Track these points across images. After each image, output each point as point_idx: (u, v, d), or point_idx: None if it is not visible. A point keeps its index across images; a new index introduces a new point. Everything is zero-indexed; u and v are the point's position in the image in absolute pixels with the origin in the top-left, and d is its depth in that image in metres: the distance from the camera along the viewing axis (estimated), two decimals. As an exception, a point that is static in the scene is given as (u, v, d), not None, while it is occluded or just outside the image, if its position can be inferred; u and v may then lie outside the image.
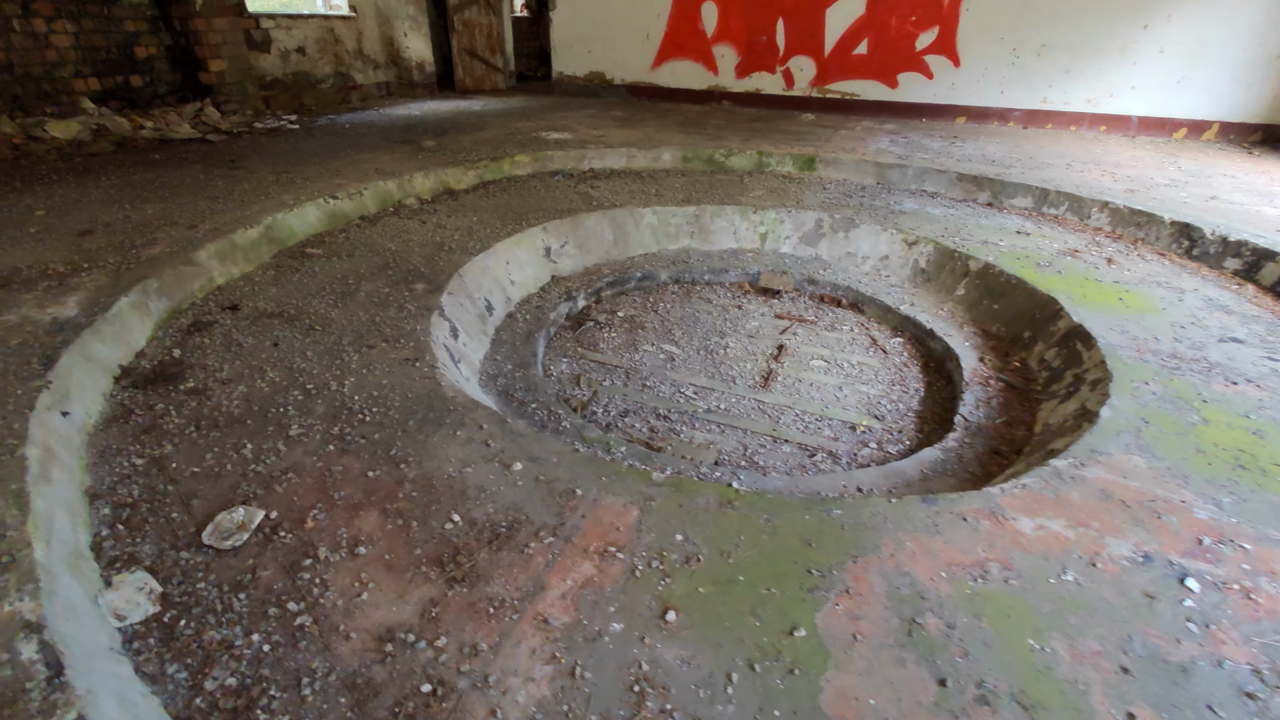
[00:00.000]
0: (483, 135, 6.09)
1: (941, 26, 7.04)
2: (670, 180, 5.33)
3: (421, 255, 3.60)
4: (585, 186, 5.06)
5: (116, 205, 3.73)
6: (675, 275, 4.45)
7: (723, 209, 4.71)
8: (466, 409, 2.23)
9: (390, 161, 4.99)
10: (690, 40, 8.16)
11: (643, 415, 3.05)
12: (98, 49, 5.49)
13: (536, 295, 3.88)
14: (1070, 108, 6.91)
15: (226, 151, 5.18)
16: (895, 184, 5.34)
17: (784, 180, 5.41)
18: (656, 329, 3.84)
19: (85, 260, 2.94)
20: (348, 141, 5.66)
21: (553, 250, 4.20)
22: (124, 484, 1.84)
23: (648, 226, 4.62)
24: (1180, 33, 6.27)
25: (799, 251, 4.64)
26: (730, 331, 3.83)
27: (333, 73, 7.69)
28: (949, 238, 4.20)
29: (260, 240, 3.50)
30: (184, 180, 4.29)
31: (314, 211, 3.92)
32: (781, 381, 3.36)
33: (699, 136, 6.27)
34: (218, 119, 6.00)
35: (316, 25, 7.36)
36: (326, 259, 3.51)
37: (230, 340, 2.64)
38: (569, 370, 3.42)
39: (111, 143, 5.20)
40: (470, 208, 4.47)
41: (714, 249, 4.69)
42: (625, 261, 4.45)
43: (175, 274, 2.91)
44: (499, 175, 5.21)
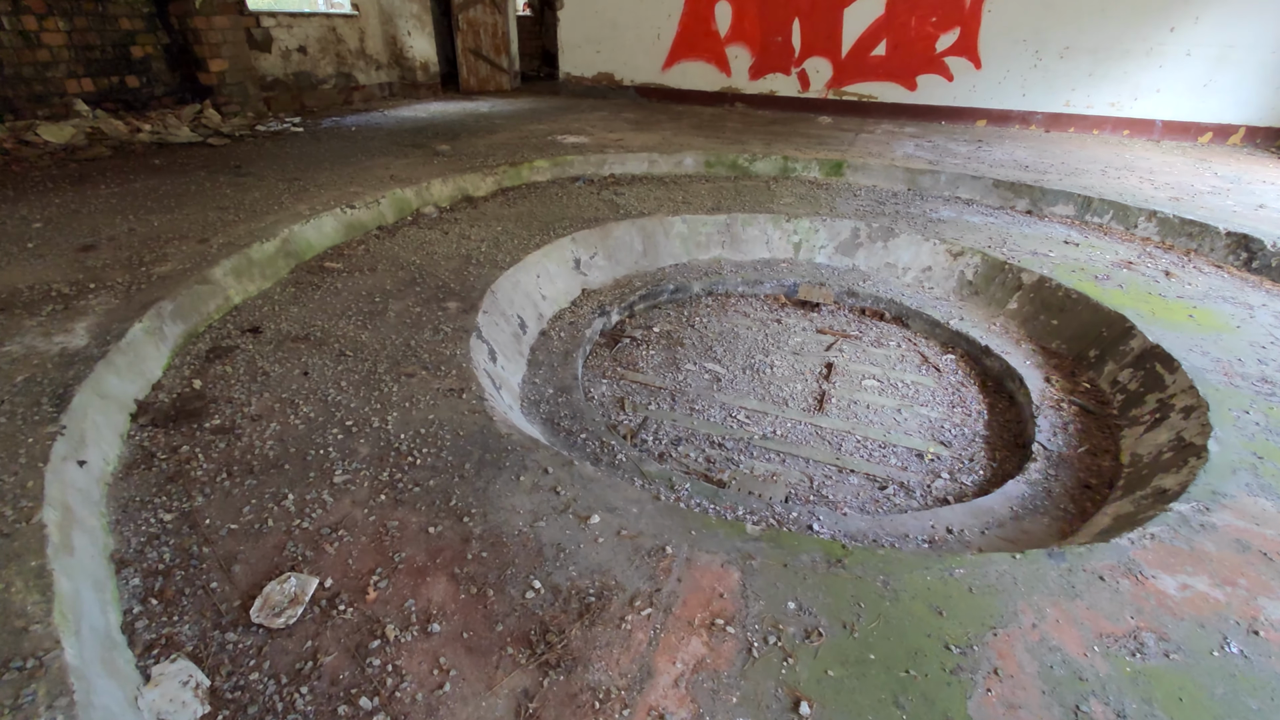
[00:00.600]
0: (496, 139, 5.86)
1: (963, 28, 6.89)
2: (695, 186, 5.14)
3: (449, 269, 3.38)
4: (609, 193, 4.85)
5: (119, 216, 3.48)
6: (708, 287, 4.25)
7: (754, 217, 4.52)
8: (526, 449, 2.03)
9: (405, 167, 4.75)
10: (703, 41, 7.96)
11: (696, 443, 2.85)
12: (92, 48, 5.21)
13: (569, 310, 3.67)
14: (1093, 111, 6.78)
15: (231, 156, 4.92)
16: (928, 190, 5.17)
17: (812, 186, 5.23)
18: (696, 346, 3.65)
19: (91, 279, 2.70)
20: (357, 146, 5.42)
21: (582, 262, 3.99)
22: (153, 546, 1.62)
23: (678, 236, 4.43)
24: (1207, 35, 6.16)
25: (835, 262, 4.46)
26: (774, 349, 3.64)
27: (335, 73, 7.43)
28: (995, 248, 4.03)
29: (277, 254, 3.27)
30: (189, 188, 4.04)
31: (331, 222, 3.69)
32: (836, 403, 3.17)
33: (719, 141, 6.08)
34: (218, 121, 5.74)
35: (318, 24, 7.10)
36: (348, 274, 3.28)
37: (255, 368, 2.42)
38: (610, 393, 3.21)
39: (108, 147, 4.93)
40: (493, 216, 4.26)
41: (746, 259, 4.50)
42: (656, 273, 4.25)
43: (190, 294, 2.68)
44: (518, 181, 4.99)
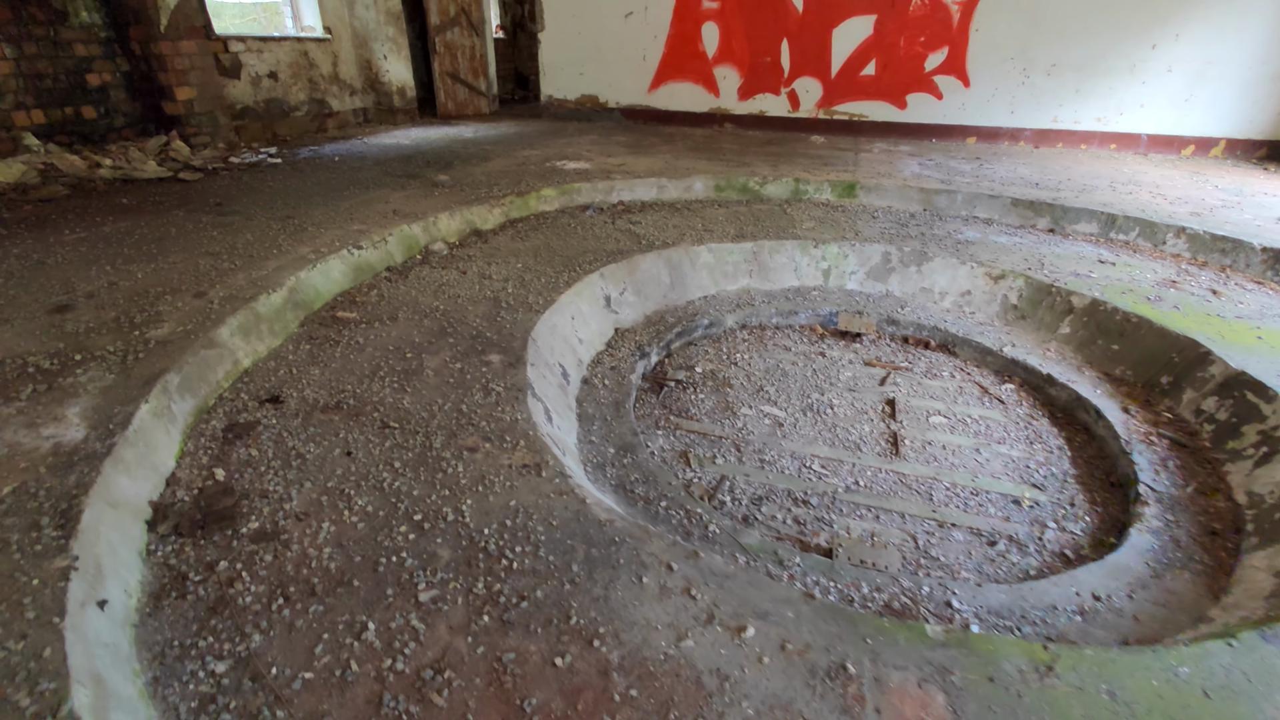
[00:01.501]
0: (492, 167, 5.56)
1: (951, 47, 6.94)
2: (710, 212, 4.93)
3: (479, 315, 3.06)
4: (624, 222, 4.60)
5: (94, 267, 3.05)
6: (742, 320, 4.03)
7: (781, 244, 4.33)
8: (636, 538, 1.73)
9: (405, 201, 4.41)
10: (690, 62, 7.84)
11: (778, 501, 2.59)
12: (43, 76, 4.72)
13: (606, 353, 3.39)
14: (1080, 126, 6.89)
15: (208, 192, 4.48)
16: (944, 211, 5.09)
17: (827, 209, 5.09)
18: (746, 386, 3.40)
19: (75, 348, 2.29)
20: (345, 177, 5.03)
21: (613, 299, 3.71)
22: (210, 714, 1.26)
23: (704, 266, 4.20)
24: (1188, 52, 6.32)
25: (867, 288, 4.30)
26: (827, 385, 3.42)
27: (307, 99, 7.01)
28: (1035, 270, 3.93)
29: (285, 306, 2.89)
30: (169, 231, 3.61)
31: (339, 266, 3.32)
32: (910, 445, 2.96)
33: (722, 163, 5.91)
34: (188, 154, 5.28)
35: (289, 48, 6.69)
36: (367, 325, 2.92)
37: (286, 449, 2.05)
38: (669, 445, 2.93)
39: (64, 185, 4.43)
40: (508, 252, 3.95)
41: (776, 287, 4.30)
42: (686, 306, 4.00)
43: (197, 362, 2.30)
44: (526, 212, 4.69)
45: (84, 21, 4.90)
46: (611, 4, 7.83)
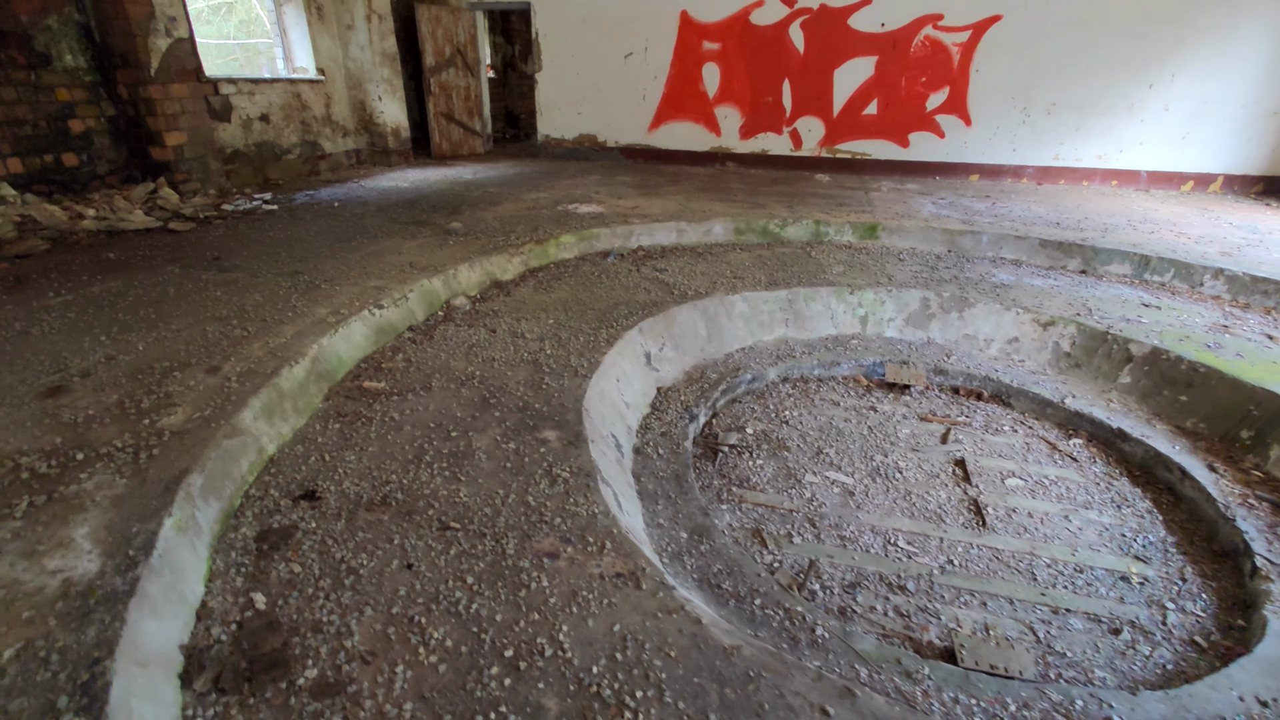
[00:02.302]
0: (502, 211, 5.34)
1: (952, 87, 7.00)
2: (733, 257, 4.77)
3: (521, 382, 2.79)
4: (650, 270, 4.40)
5: (87, 337, 2.72)
6: (784, 373, 3.82)
7: (816, 291, 4.17)
8: (775, 673, 1.46)
9: (418, 251, 4.15)
10: (691, 102, 7.80)
11: (872, 587, 2.34)
12: (21, 123, 4.39)
13: (653, 417, 3.14)
14: (1082, 164, 6.96)
15: (203, 244, 4.17)
16: (970, 252, 5.00)
17: (852, 252, 4.96)
18: (802, 448, 3.18)
19: (76, 444, 1.96)
20: (349, 225, 4.76)
21: (652, 356, 3.48)
22: None
23: (740, 316, 4.00)
24: (1183, 90, 6.45)
25: (906, 335, 4.14)
26: (888, 445, 3.22)
27: (299, 142, 6.75)
28: (1083, 316, 3.81)
29: (308, 379, 2.60)
30: (167, 291, 3.29)
31: (360, 329, 3.04)
32: (993, 513, 2.75)
33: (736, 204, 5.79)
34: (177, 202, 4.96)
35: (282, 90, 6.45)
36: (400, 397, 2.64)
37: (332, 562, 1.75)
38: (738, 522, 2.68)
39: (44, 238, 4.09)
40: (535, 306, 3.70)
41: (813, 336, 4.12)
42: (724, 360, 3.78)
43: (220, 455, 1.99)
44: (546, 260, 4.47)
45: (68, 65, 4.60)
46: (611, 45, 7.78)
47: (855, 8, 6.94)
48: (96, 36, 4.71)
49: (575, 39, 7.86)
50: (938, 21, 6.78)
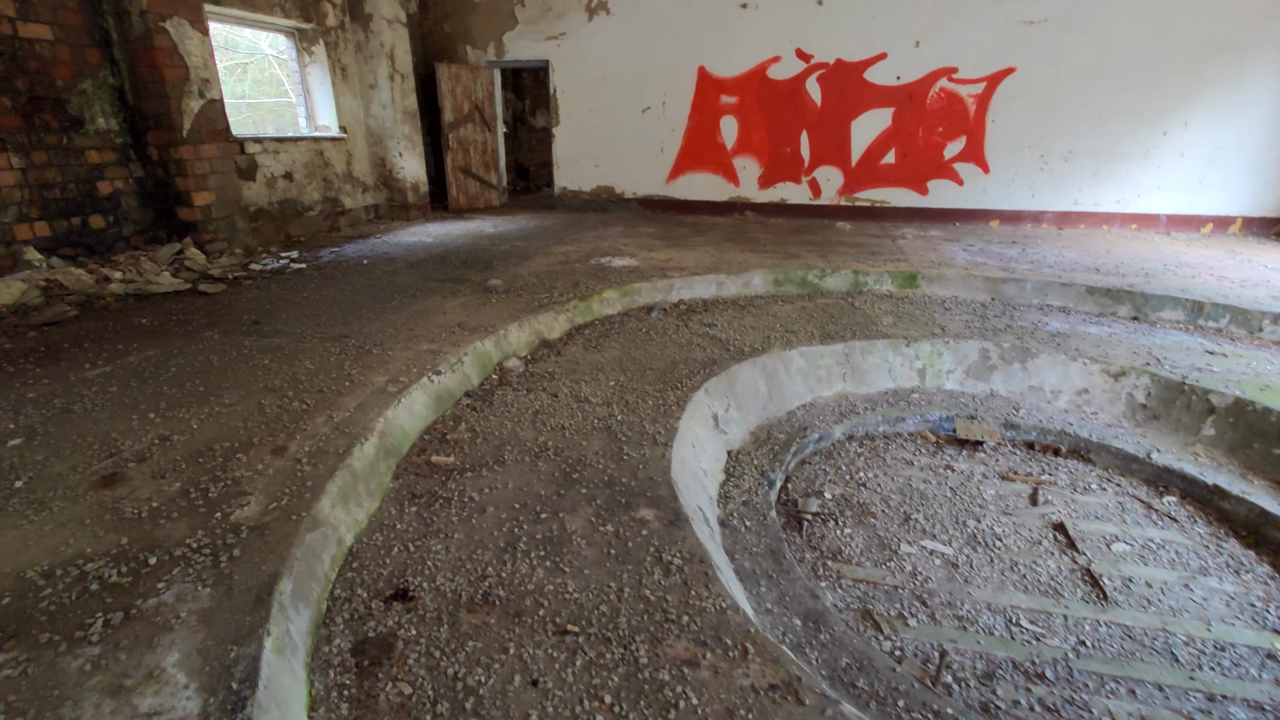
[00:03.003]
0: (535, 266, 5.25)
1: (969, 136, 7.11)
2: (777, 309, 4.67)
3: (598, 452, 2.62)
4: (698, 325, 4.28)
5: (134, 414, 2.53)
6: (849, 430, 3.67)
7: (872, 344, 4.06)
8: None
9: (462, 310, 4.02)
10: (709, 153, 7.87)
11: (1008, 677, 2.13)
12: (50, 186, 4.28)
13: (730, 484, 2.96)
14: (1101, 208, 7.03)
15: (237, 306, 4.02)
16: (1014, 300, 4.94)
17: (895, 302, 4.89)
18: (888, 514, 3.00)
19: (145, 544, 1.76)
20: (383, 283, 4.64)
21: (719, 417, 3.32)
22: None
23: (798, 372, 3.87)
24: (1196, 138, 6.57)
25: (967, 387, 4.02)
26: (977, 508, 3.05)
27: (321, 199, 6.70)
28: (1153, 365, 3.71)
29: (377, 456, 2.41)
30: (210, 361, 3.12)
31: (421, 397, 2.87)
32: (1110, 584, 2.57)
33: (770, 255, 5.74)
34: (204, 262, 4.83)
35: (305, 148, 6.43)
36: (474, 474, 2.45)
37: (445, 679, 1.54)
38: (840, 601, 2.48)
39: (72, 304, 3.92)
40: (590, 366, 3.55)
41: (872, 390, 3.98)
42: (787, 418, 3.63)
43: (305, 553, 1.79)
44: (590, 317, 4.35)
45: (100, 128, 4.53)
46: (628, 100, 7.89)
47: (871, 62, 7.09)
48: (129, 99, 4.66)
49: (593, 94, 7.97)
50: (952, 74, 6.93)
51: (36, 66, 4.12)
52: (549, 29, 7.82)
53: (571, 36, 7.78)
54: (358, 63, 6.99)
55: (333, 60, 6.69)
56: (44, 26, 4.13)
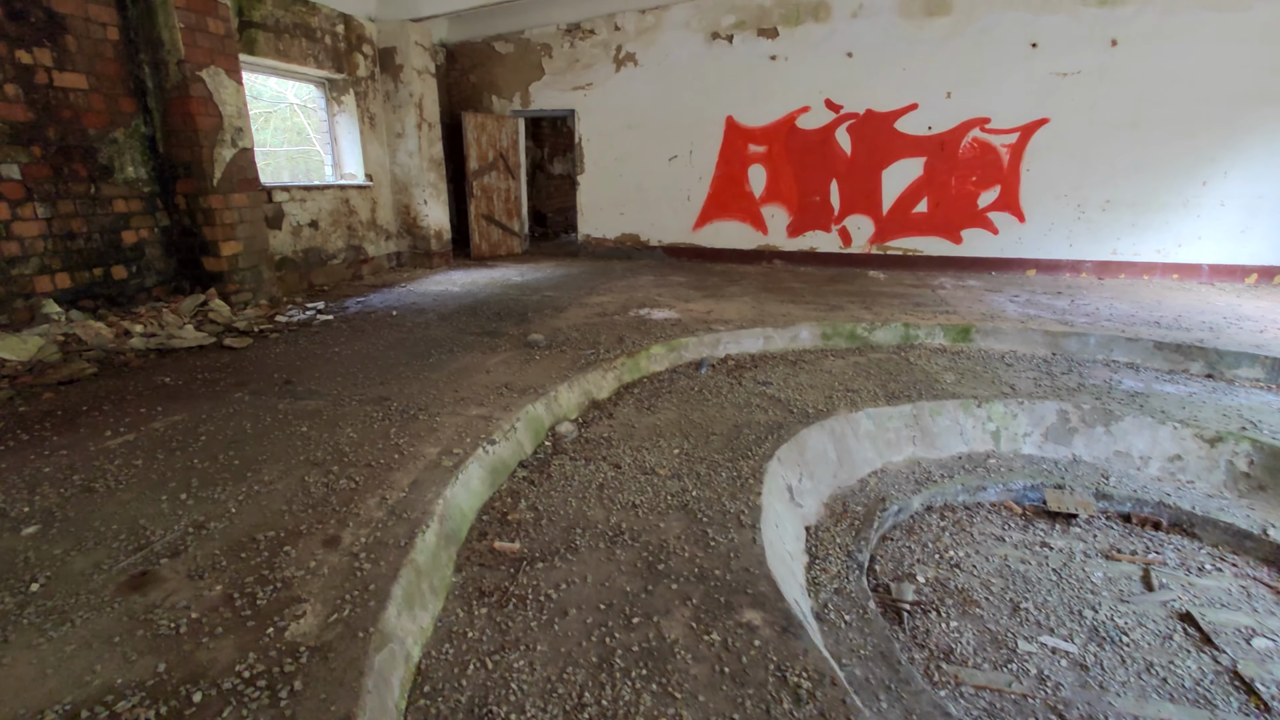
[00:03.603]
0: (571, 319, 5.04)
1: (1003, 186, 7.02)
2: (830, 365, 4.44)
3: (679, 536, 2.34)
4: (751, 383, 4.04)
5: (163, 493, 2.26)
6: (927, 501, 3.39)
7: (941, 405, 3.81)
8: None
9: (505, 368, 3.78)
10: (736, 201, 7.79)
11: (1189, 822, 1.81)
12: (74, 236, 4.11)
13: (816, 567, 2.66)
14: (1141, 258, 6.89)
15: (265, 363, 3.78)
16: (1076, 355, 4.71)
17: (953, 357, 4.66)
18: (992, 601, 2.69)
19: (186, 672, 1.47)
20: (416, 336, 4.41)
21: (794, 489, 3.05)
22: None
23: (866, 435, 3.61)
24: (1237, 187, 6.47)
25: (1046, 452, 3.75)
26: (1090, 595, 2.74)
27: (345, 246, 6.56)
28: (1250, 430, 3.45)
29: (438, 545, 2.13)
30: (243, 427, 2.86)
31: (477, 471, 2.60)
32: (1265, 689, 2.25)
33: (811, 306, 5.54)
34: (228, 314, 4.62)
35: (331, 196, 6.31)
36: (544, 563, 2.17)
37: None
38: (964, 714, 2.15)
39: (90, 360, 3.69)
40: (648, 431, 3.29)
41: (944, 455, 3.71)
42: (859, 487, 3.35)
43: (376, 682, 1.50)
44: (638, 374, 4.11)
45: (128, 177, 4.39)
46: (653, 149, 7.85)
47: (901, 112, 7.06)
48: (160, 148, 4.53)
49: (619, 143, 7.94)
50: (985, 125, 6.89)
51: (69, 115, 4.00)
52: (576, 79, 7.84)
53: (598, 87, 7.79)
54: (385, 112, 6.96)
55: (361, 109, 6.65)
56: (80, 75, 4.02)
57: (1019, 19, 6.54)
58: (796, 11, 7.03)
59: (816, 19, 7.00)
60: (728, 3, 7.18)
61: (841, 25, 6.96)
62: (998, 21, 6.60)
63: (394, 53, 6.75)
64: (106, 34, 4.16)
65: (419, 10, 6.59)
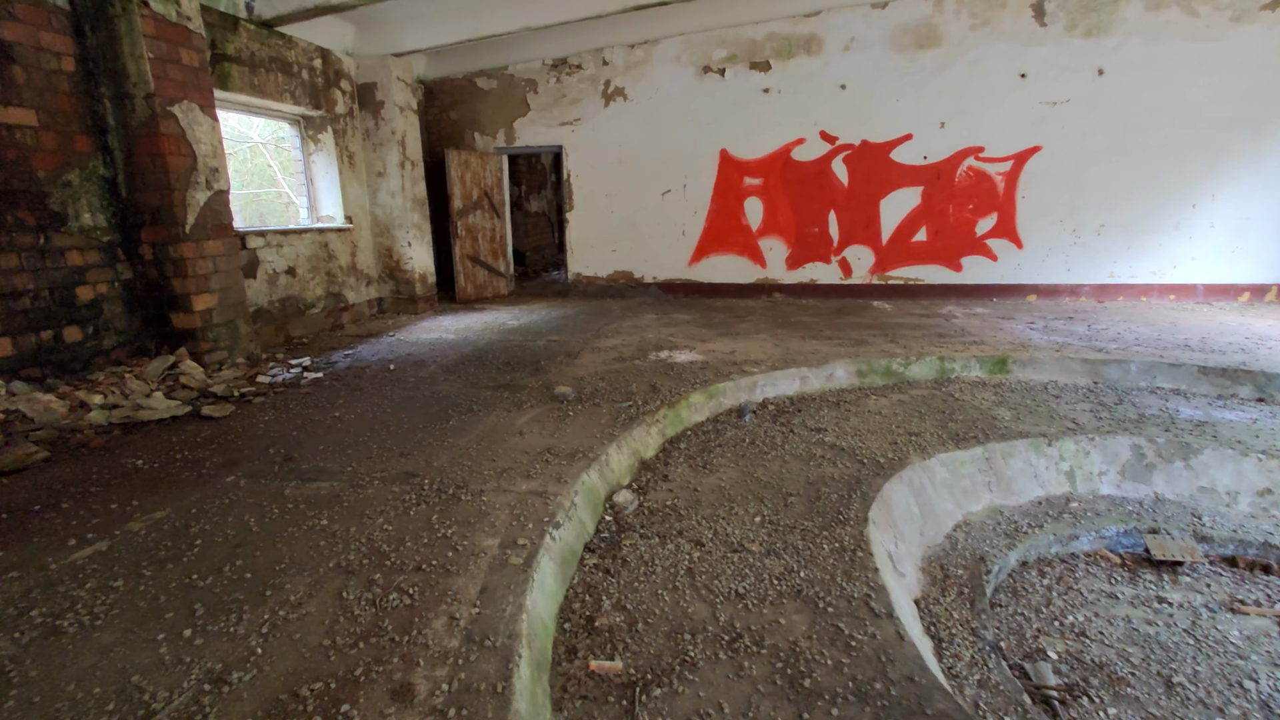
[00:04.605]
0: (590, 366, 4.64)
1: (1000, 213, 7.02)
2: (874, 404, 4.14)
3: (810, 635, 1.94)
4: (803, 429, 3.70)
5: (160, 632, 1.74)
6: (1022, 556, 3.07)
7: (1012, 446, 3.54)
8: None
9: (537, 427, 3.34)
10: (733, 235, 7.58)
11: None
12: (19, 295, 3.52)
13: (944, 649, 2.29)
14: (1137, 280, 6.94)
15: (255, 435, 3.25)
16: (1119, 383, 4.56)
17: (995, 390, 4.43)
18: (1140, 679, 2.36)
19: None
20: (425, 395, 3.93)
21: (893, 555, 2.69)
22: None
23: (943, 485, 3.30)
24: (1225, 209, 6.61)
25: (1126, 491, 3.51)
26: (1240, 661, 2.44)
27: (324, 294, 6.02)
28: (1338, 459, 3.29)
29: (532, 680, 1.67)
30: (244, 522, 2.34)
31: (548, 566, 2.15)
32: None
33: (834, 341, 5.28)
34: (203, 377, 4.04)
35: (310, 241, 5.80)
36: (661, 687, 1.73)
37: None
38: (1180, 842, 1.79)
39: (40, 443, 3.09)
40: (716, 494, 2.90)
41: (1022, 500, 3.43)
42: (949, 546, 3.02)
43: None
44: (680, 427, 3.72)
45: (85, 225, 3.83)
46: (646, 184, 7.62)
47: (897, 143, 7.03)
48: (123, 191, 4.00)
49: (610, 179, 7.68)
50: (979, 153, 6.90)
51: (15, 156, 3.46)
52: (563, 115, 7.58)
53: (587, 122, 7.54)
54: (365, 150, 6.52)
55: (340, 148, 6.21)
56: (28, 111, 3.49)
57: (1008, 50, 6.62)
58: (788, 45, 6.98)
59: (808, 52, 6.96)
60: (718, 37, 7.08)
61: (834, 58, 6.92)
62: (987, 53, 6.66)
63: (374, 88, 6.36)
64: (61, 64, 3.65)
65: (401, 45, 6.24)
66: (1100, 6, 6.38)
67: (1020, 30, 6.57)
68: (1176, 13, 6.28)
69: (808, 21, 6.89)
